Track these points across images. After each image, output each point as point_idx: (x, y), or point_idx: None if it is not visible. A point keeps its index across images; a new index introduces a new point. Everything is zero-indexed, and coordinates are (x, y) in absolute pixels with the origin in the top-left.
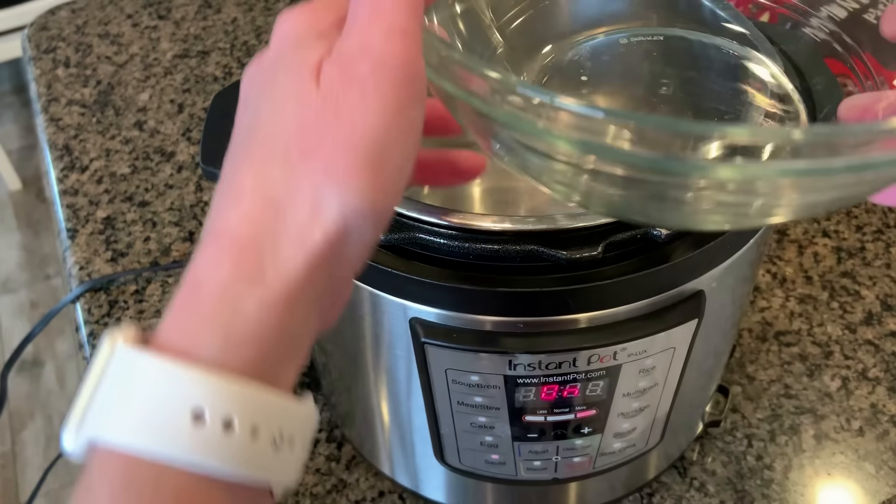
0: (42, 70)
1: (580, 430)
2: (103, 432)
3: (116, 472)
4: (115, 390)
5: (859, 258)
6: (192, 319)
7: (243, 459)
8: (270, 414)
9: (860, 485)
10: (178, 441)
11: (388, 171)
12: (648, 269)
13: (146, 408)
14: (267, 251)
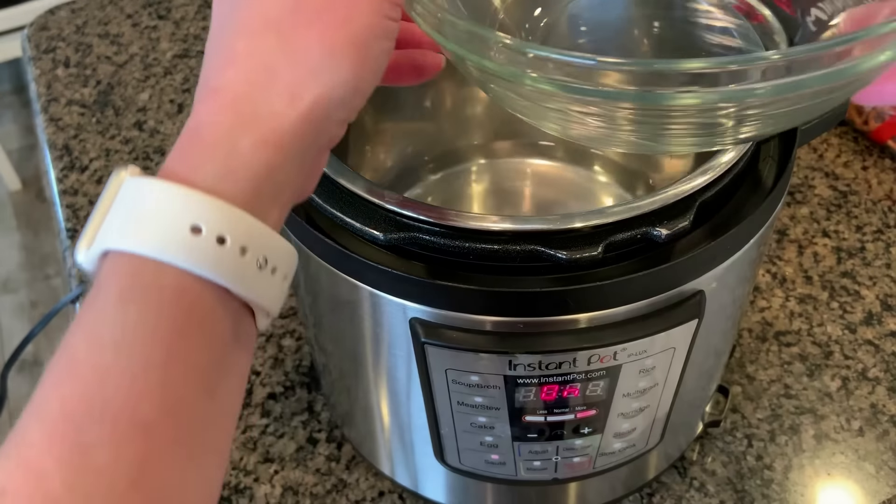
0: (42, 70)
1: (580, 430)
2: (115, 242)
3: (125, 270)
4: (125, 210)
5: (859, 258)
6: (193, 155)
7: (231, 270)
8: (257, 239)
9: (860, 485)
10: (178, 247)
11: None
12: (648, 270)
13: (153, 221)
14: (262, 104)
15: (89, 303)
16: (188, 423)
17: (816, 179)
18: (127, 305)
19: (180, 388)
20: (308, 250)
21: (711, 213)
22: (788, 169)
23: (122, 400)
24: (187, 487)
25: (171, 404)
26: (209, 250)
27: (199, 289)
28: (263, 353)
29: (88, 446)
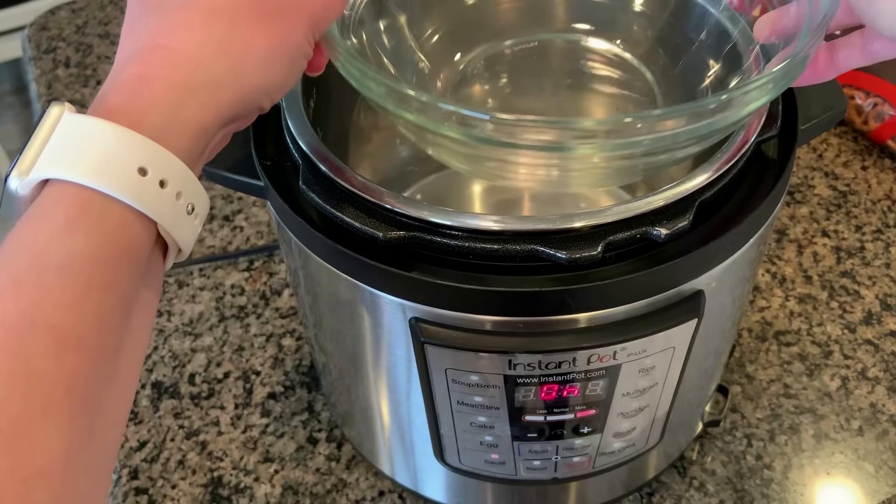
0: (42, 70)
1: (580, 429)
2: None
3: (73, 200)
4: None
5: (859, 258)
6: (142, 102)
7: (167, 211)
8: (189, 187)
9: (859, 484)
10: (126, 185)
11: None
12: (648, 269)
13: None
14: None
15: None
16: (114, 344)
17: (816, 179)
18: (74, 232)
19: (111, 311)
20: (308, 250)
21: (711, 213)
22: (788, 169)
23: (62, 316)
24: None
25: (103, 324)
26: (152, 191)
27: (138, 224)
28: (263, 353)
29: (29, 355)
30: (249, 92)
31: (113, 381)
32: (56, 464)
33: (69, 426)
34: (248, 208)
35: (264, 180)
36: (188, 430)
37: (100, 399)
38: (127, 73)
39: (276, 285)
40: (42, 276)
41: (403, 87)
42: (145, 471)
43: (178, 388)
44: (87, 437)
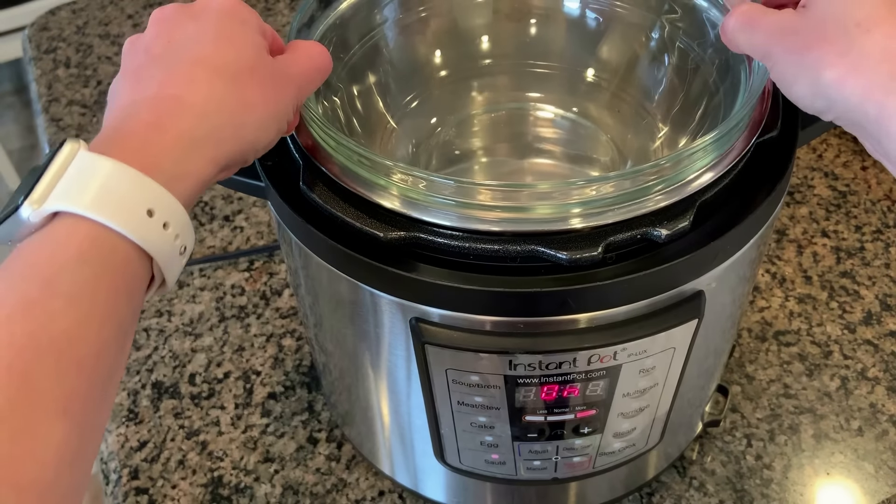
0: (43, 70)
1: (580, 429)
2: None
3: (86, 234)
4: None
5: (858, 258)
6: (155, 149)
7: (166, 250)
8: (186, 230)
9: (859, 484)
10: (135, 224)
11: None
12: (648, 270)
13: (118, 198)
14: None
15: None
16: (109, 368)
17: (816, 179)
18: (84, 264)
19: (109, 340)
20: (308, 250)
21: (711, 214)
22: (788, 170)
23: (66, 340)
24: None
25: (102, 350)
26: (156, 231)
27: (138, 260)
28: (264, 353)
29: (32, 375)
30: (244, 147)
31: (106, 398)
32: (48, 475)
33: (63, 442)
34: (248, 208)
35: (264, 180)
36: (188, 430)
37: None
38: (139, 118)
39: (277, 285)
40: (52, 301)
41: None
42: (145, 471)
43: (179, 388)
44: (76, 451)
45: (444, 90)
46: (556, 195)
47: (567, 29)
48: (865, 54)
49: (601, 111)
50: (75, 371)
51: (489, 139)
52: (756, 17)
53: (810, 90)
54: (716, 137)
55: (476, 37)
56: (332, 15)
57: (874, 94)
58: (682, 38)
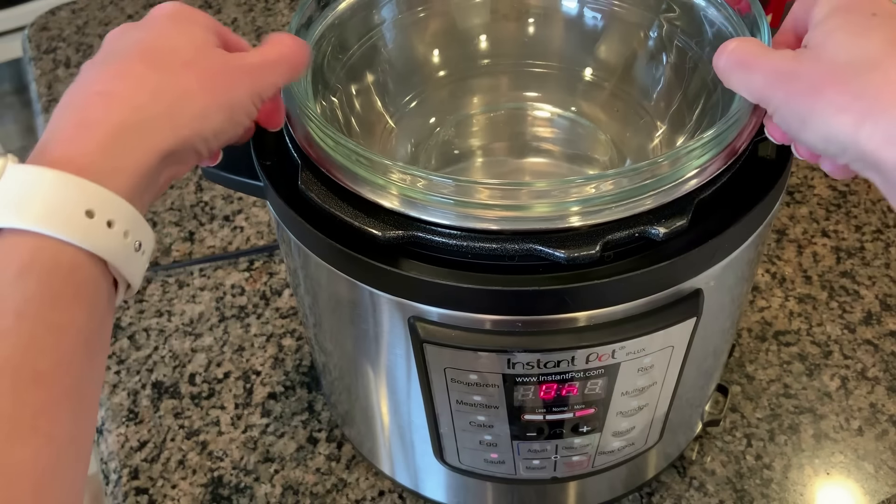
0: (42, 70)
1: (579, 428)
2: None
3: (25, 247)
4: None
5: (858, 258)
6: (86, 147)
7: (116, 249)
8: (135, 225)
9: (859, 484)
10: (75, 229)
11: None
12: (646, 268)
13: (53, 205)
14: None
15: None
16: (76, 379)
17: (816, 179)
18: (28, 278)
19: (70, 349)
20: (308, 250)
21: (709, 212)
22: (786, 168)
23: (20, 356)
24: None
25: (63, 361)
26: (100, 232)
27: (89, 264)
28: (263, 353)
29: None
30: (186, 136)
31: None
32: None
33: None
34: (248, 208)
35: (264, 180)
36: (188, 430)
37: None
38: (66, 121)
39: (277, 285)
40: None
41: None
42: (145, 471)
43: (179, 388)
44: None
45: (443, 90)
46: (554, 193)
47: (565, 28)
48: (882, 98)
49: (599, 110)
50: (34, 387)
51: (488, 139)
52: (750, 58)
53: (821, 137)
54: (714, 135)
55: (474, 36)
56: (331, 15)
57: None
58: (679, 36)
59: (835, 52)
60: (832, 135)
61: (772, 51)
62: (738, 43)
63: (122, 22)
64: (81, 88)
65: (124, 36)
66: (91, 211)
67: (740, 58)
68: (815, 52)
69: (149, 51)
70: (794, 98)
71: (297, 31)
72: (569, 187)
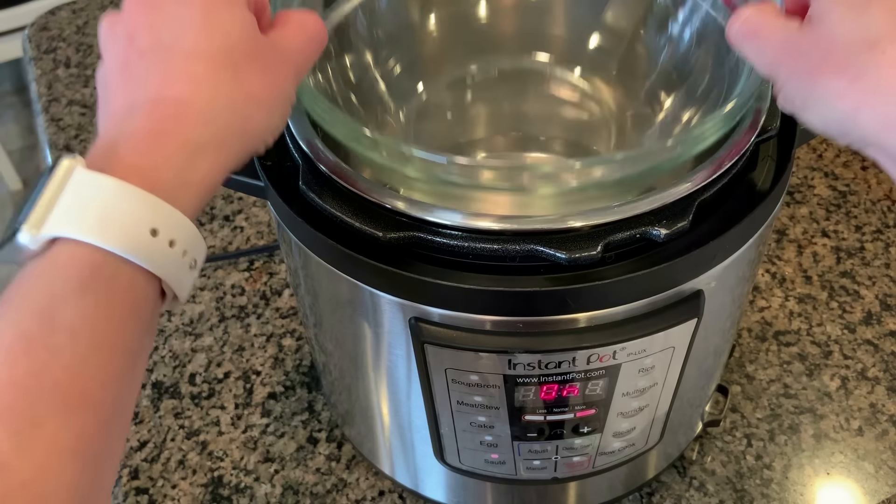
0: (43, 70)
1: (579, 429)
2: (76, 233)
3: (86, 261)
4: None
5: (858, 258)
6: (154, 160)
7: (174, 268)
8: (193, 242)
9: (859, 484)
10: (139, 246)
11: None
12: (647, 269)
13: (119, 220)
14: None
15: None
16: (119, 399)
17: (816, 179)
18: (86, 294)
19: (117, 369)
20: (308, 250)
21: (710, 213)
22: (787, 169)
23: (70, 378)
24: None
25: (109, 383)
26: (162, 251)
27: (144, 281)
28: (264, 353)
29: (38, 417)
30: (252, 141)
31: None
32: None
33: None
34: (248, 208)
35: (264, 180)
36: (188, 430)
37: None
38: (137, 126)
39: (277, 285)
40: (52, 336)
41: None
42: (145, 471)
43: (179, 388)
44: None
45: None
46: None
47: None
48: (881, 80)
49: (605, 84)
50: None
51: (489, 131)
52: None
53: (821, 118)
54: (715, 134)
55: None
56: (332, 16)
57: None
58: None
59: (833, 30)
60: (832, 117)
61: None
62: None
63: None
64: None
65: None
66: (156, 229)
67: (754, 26)
68: (816, 28)
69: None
70: (796, 77)
71: None
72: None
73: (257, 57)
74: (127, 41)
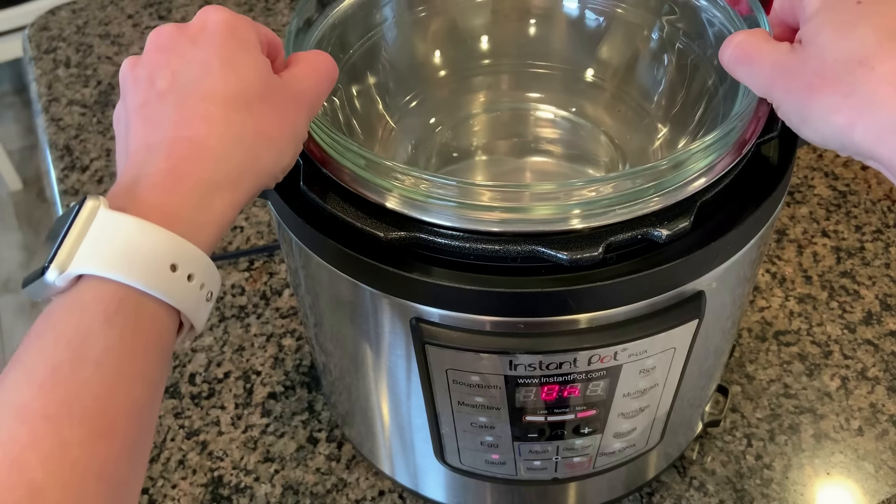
0: (43, 70)
1: (580, 430)
2: (102, 270)
3: (111, 296)
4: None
5: (858, 258)
6: (174, 200)
7: (192, 301)
8: (210, 276)
9: (859, 484)
10: (160, 282)
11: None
12: (648, 270)
13: (142, 257)
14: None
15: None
16: (141, 426)
17: (816, 179)
18: (111, 328)
19: (141, 398)
20: (308, 250)
21: (711, 214)
22: (788, 170)
23: (97, 407)
24: (135, 478)
25: (133, 411)
26: (181, 285)
27: (165, 315)
28: (264, 353)
29: (66, 444)
30: (264, 178)
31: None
32: None
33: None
34: (248, 208)
35: None
36: (188, 430)
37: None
38: (156, 166)
39: (277, 285)
40: (81, 369)
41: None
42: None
43: (179, 388)
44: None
45: (444, 90)
46: (556, 196)
47: (566, 29)
48: (871, 95)
49: (601, 111)
50: (109, 435)
51: (488, 139)
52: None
53: (819, 134)
54: (716, 138)
55: (476, 36)
56: (331, 15)
57: (885, 138)
58: (681, 38)
59: (823, 49)
60: (829, 133)
61: (775, 44)
62: (744, 36)
63: (123, 22)
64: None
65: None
66: (175, 265)
67: (745, 51)
68: (807, 49)
69: (224, 87)
70: (791, 96)
71: (296, 32)
72: (571, 190)
73: (270, 98)
74: (147, 83)
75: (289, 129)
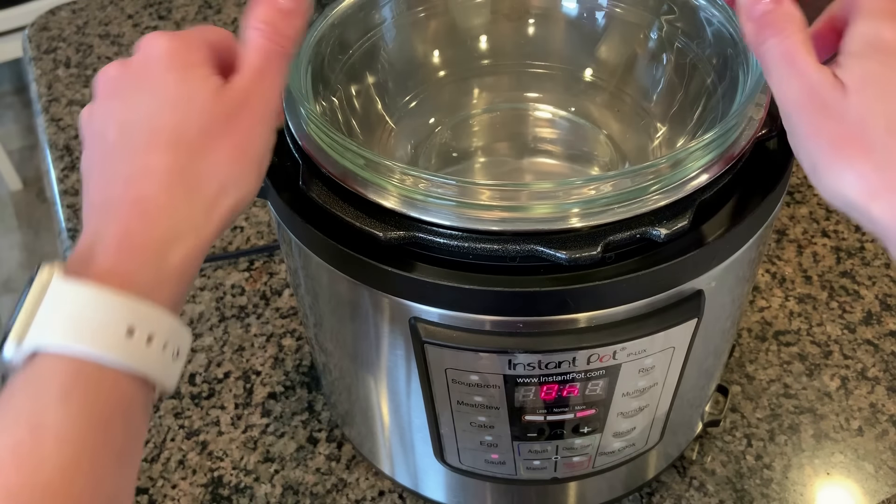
0: (43, 70)
1: (580, 429)
2: (57, 345)
3: (67, 369)
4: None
5: (858, 258)
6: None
7: (155, 363)
8: (174, 334)
9: (859, 484)
10: (117, 349)
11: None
12: (648, 269)
13: (92, 324)
14: (184, 218)
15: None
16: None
17: None
18: (69, 401)
19: (104, 468)
20: (308, 250)
21: (710, 213)
22: (788, 169)
23: (59, 482)
24: None
25: (97, 481)
26: (140, 349)
27: (128, 381)
28: (264, 353)
29: None
30: (226, 222)
31: None
32: None
33: None
34: (248, 208)
35: (264, 180)
36: (188, 430)
37: None
38: (110, 231)
39: (277, 285)
40: (41, 445)
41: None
42: (145, 471)
43: (179, 388)
44: None
45: (443, 90)
46: (555, 195)
47: (565, 29)
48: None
49: (600, 111)
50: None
51: (488, 139)
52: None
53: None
54: (714, 136)
55: (475, 36)
56: (331, 15)
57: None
58: (680, 37)
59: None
60: (841, 193)
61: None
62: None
63: (122, 22)
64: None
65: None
66: (133, 328)
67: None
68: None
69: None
70: (813, 139)
71: None
72: (570, 188)
73: (219, 125)
74: (100, 138)
75: (243, 156)
